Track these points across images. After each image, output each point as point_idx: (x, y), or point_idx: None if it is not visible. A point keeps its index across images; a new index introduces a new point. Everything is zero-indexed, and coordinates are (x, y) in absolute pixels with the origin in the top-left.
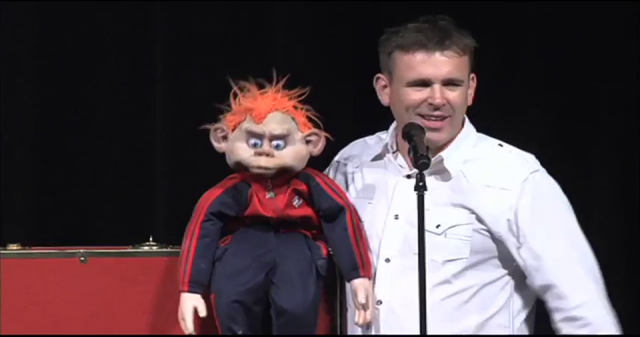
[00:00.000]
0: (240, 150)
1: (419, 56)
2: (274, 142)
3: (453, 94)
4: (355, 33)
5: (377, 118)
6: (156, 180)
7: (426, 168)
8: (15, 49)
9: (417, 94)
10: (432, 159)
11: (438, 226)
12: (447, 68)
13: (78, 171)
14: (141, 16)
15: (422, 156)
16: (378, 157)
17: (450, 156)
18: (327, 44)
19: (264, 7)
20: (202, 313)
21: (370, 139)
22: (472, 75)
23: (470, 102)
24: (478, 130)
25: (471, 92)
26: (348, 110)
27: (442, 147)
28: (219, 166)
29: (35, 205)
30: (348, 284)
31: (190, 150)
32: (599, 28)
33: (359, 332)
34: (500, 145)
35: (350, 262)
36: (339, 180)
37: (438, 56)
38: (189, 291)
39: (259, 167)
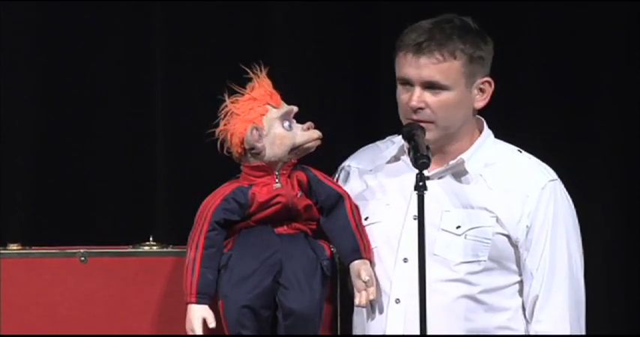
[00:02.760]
0: (290, 136)
1: (406, 56)
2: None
3: (434, 99)
4: (356, 32)
5: (377, 118)
6: (156, 180)
7: (426, 168)
8: (15, 48)
9: (404, 95)
10: (453, 161)
11: (458, 227)
12: (428, 71)
13: (78, 171)
14: (141, 15)
15: (422, 156)
16: (394, 159)
17: (471, 159)
18: (327, 44)
19: (264, 6)
20: (211, 324)
21: (382, 143)
22: (481, 80)
23: (478, 106)
24: None
25: (481, 98)
26: (348, 110)
27: (462, 149)
28: (219, 166)
29: (35, 205)
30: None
31: (191, 150)
32: (601, 25)
33: (371, 331)
34: (520, 151)
35: (351, 245)
36: (351, 184)
37: (420, 58)
38: (197, 302)
39: (320, 136)
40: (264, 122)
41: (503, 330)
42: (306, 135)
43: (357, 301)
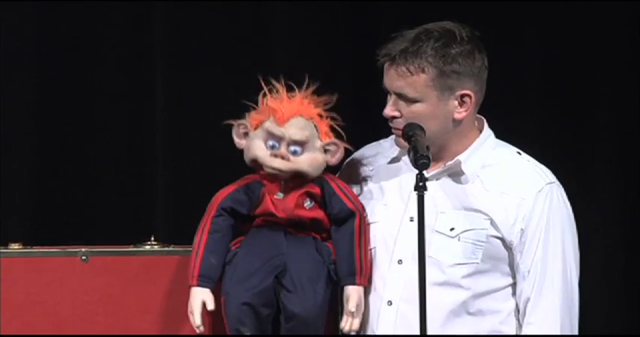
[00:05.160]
0: (257, 149)
1: (383, 65)
2: (292, 147)
3: (407, 109)
4: (356, 32)
5: (377, 118)
6: (157, 179)
7: (426, 168)
8: (15, 48)
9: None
10: (450, 162)
11: (452, 229)
12: (398, 82)
13: (79, 170)
14: (141, 15)
15: (422, 156)
16: (395, 160)
17: (468, 160)
18: (327, 44)
19: (264, 7)
20: (210, 306)
21: (385, 142)
22: (460, 93)
23: (458, 118)
24: None
25: (461, 109)
26: (349, 110)
27: (460, 150)
28: (221, 165)
29: (36, 204)
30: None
31: (192, 149)
32: (599, 25)
33: (362, 332)
34: (519, 153)
35: (349, 267)
36: (351, 182)
37: (391, 69)
38: (198, 285)
39: (273, 168)
40: (259, 128)
41: (495, 333)
42: (268, 159)
43: (341, 325)
